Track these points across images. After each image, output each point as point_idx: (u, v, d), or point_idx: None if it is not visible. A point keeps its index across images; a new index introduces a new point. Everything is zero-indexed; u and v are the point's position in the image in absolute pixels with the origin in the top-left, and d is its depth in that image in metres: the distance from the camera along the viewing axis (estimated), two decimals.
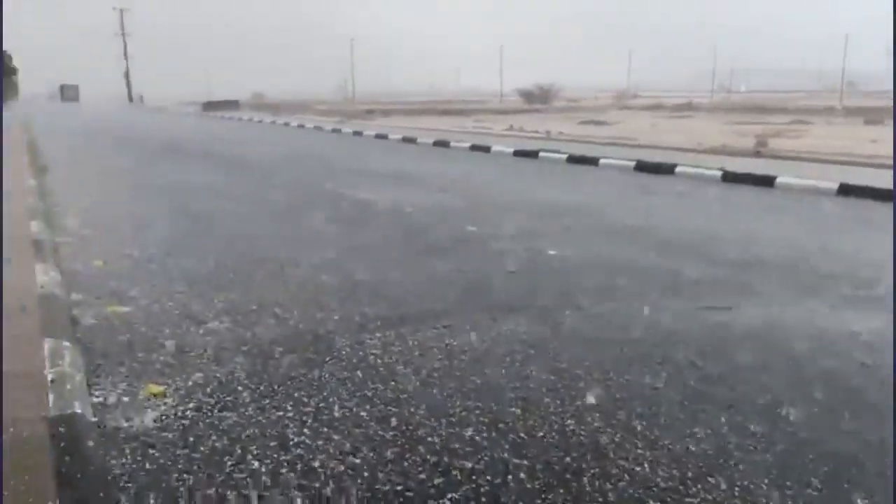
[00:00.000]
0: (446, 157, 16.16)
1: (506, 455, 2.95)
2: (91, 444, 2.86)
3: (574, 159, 14.56)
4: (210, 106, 49.00)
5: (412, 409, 3.36)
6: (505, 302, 5.05)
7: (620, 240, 7.30)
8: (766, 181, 10.97)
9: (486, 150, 16.99)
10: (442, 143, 18.64)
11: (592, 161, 14.13)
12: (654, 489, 2.71)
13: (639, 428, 3.18)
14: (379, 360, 3.96)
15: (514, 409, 3.38)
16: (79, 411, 3.08)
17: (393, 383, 3.65)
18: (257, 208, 9.16)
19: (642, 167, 13.06)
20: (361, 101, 57.57)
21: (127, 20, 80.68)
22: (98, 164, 14.80)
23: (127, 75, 78.89)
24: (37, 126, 27.65)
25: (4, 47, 32.62)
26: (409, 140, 20.15)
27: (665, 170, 12.68)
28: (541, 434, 3.12)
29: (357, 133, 23.40)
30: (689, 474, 2.81)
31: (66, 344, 3.91)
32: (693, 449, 3.01)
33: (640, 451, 2.99)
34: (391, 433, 3.13)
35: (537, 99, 53.28)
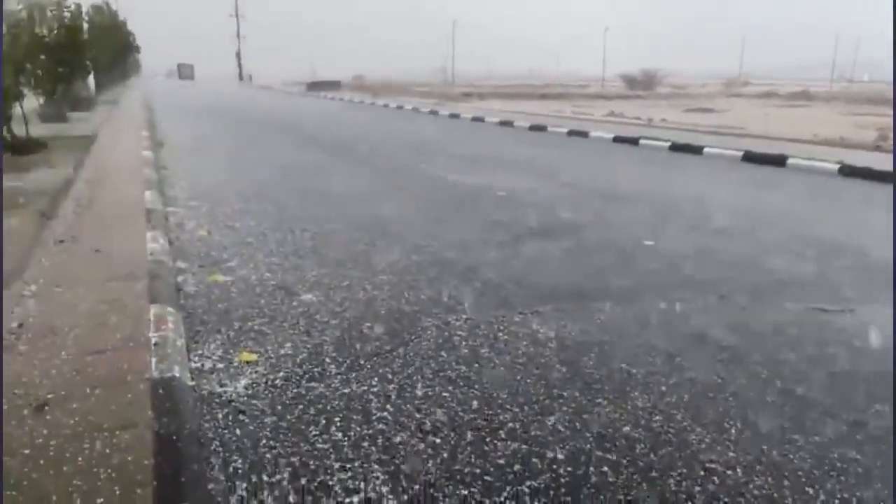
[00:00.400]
0: (543, 142, 15.89)
1: (589, 447, 2.86)
2: (187, 407, 2.99)
3: (677, 147, 13.95)
4: (314, 86, 50.49)
5: (495, 394, 3.31)
6: (597, 291, 4.90)
7: (722, 234, 6.92)
8: (889, 178, 10.08)
9: (584, 135, 16.58)
10: (539, 128, 18.34)
11: (696, 150, 13.49)
12: (746, 497, 2.55)
13: (733, 431, 3.01)
14: (464, 343, 3.94)
15: (601, 400, 3.27)
16: (178, 375, 3.24)
17: (477, 366, 3.62)
18: (355, 187, 9.33)
19: (751, 158, 12.34)
20: (460, 84, 57.63)
21: (241, 1, 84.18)
22: (209, 140, 15.53)
23: (238, 55, 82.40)
24: (155, 102, 29.41)
25: (129, 27, 34.78)
26: (505, 124, 19.97)
27: (775, 161, 11.92)
28: (627, 429, 3.01)
29: (454, 116, 23.42)
30: (786, 483, 2.63)
31: (170, 310, 4.12)
32: (793, 459, 2.81)
33: (731, 454, 2.82)
34: (472, 415, 3.10)
35: (640, 85, 51.49)
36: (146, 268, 4.90)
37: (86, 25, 18.98)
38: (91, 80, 23.94)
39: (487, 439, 2.91)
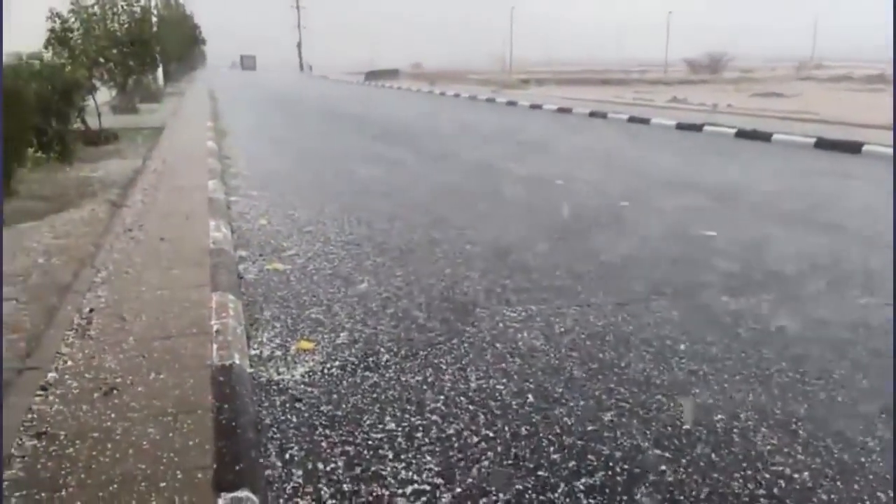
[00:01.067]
0: (603, 130, 15.59)
1: (646, 444, 2.79)
2: (246, 393, 3.06)
3: (743, 134, 13.46)
4: (372, 75, 50.79)
5: (550, 387, 3.27)
6: (654, 283, 4.77)
7: (788, 225, 6.64)
8: None
9: (646, 122, 16.18)
10: (599, 115, 18.00)
11: (764, 136, 12.98)
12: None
13: (801, 434, 2.88)
14: (518, 335, 3.90)
15: (658, 396, 3.19)
16: (237, 362, 3.31)
17: (532, 359, 3.58)
18: (410, 176, 9.36)
19: (822, 144, 11.80)
20: (517, 71, 57.01)
21: None
22: (270, 129, 15.85)
23: (299, 46, 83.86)
24: (219, 93, 30.21)
25: (195, 20, 35.82)
26: (564, 111, 19.67)
27: (849, 148, 11.36)
28: (686, 427, 2.92)
29: (511, 103, 23.21)
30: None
31: (231, 297, 4.22)
32: (865, 462, 2.67)
33: (800, 457, 2.71)
34: (527, 409, 3.07)
35: (705, 69, 49.83)
36: (208, 256, 5.03)
37: (155, 19, 19.61)
38: (160, 72, 24.74)
39: (542, 434, 2.87)
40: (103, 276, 4.53)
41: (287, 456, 2.71)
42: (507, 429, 2.91)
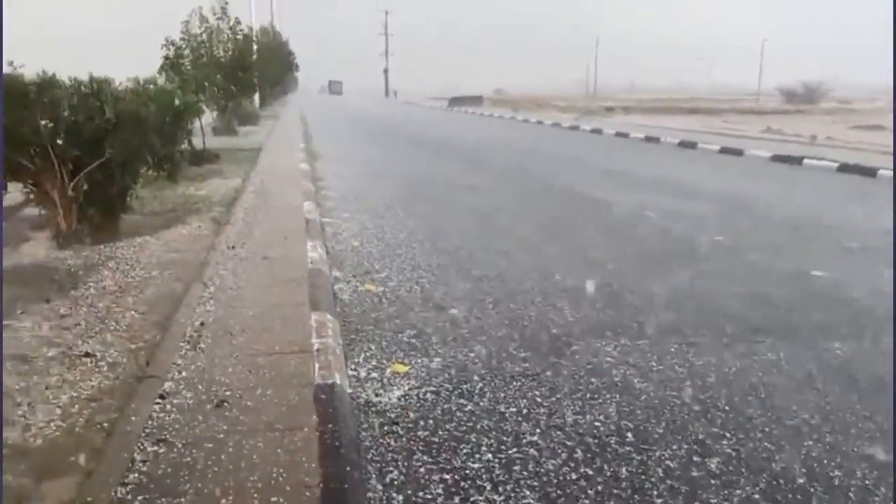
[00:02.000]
0: (693, 160, 15.20)
1: (757, 496, 2.67)
2: (347, 414, 3.13)
3: (846, 168, 12.82)
4: (455, 101, 51.52)
5: (650, 427, 3.19)
6: (757, 323, 4.59)
7: None
8: None
9: (739, 153, 15.66)
10: (688, 144, 17.58)
11: (869, 172, 12.32)
12: None
13: None
14: (614, 370, 3.83)
15: (767, 444, 3.05)
16: (338, 382, 3.40)
17: (629, 397, 3.51)
18: (499, 204, 9.41)
19: None
20: (601, 98, 56.55)
21: (389, 19, 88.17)
22: (358, 153, 16.31)
23: (386, 72, 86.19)
24: (310, 117, 31.38)
25: (290, 46, 37.35)
26: (651, 139, 19.33)
27: None
28: (801, 481, 2.77)
29: (595, 131, 23.02)
30: None
31: (329, 317, 4.35)
32: None
33: None
34: (626, 448, 3.00)
35: (800, 99, 47.86)
36: (307, 275, 5.21)
37: (254, 46, 20.65)
38: (256, 96, 25.97)
39: (644, 476, 2.80)
40: (211, 292, 4.76)
41: (387, 479, 2.75)
42: (607, 468, 2.85)
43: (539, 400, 3.47)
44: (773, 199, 10.01)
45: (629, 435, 3.12)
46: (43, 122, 5.77)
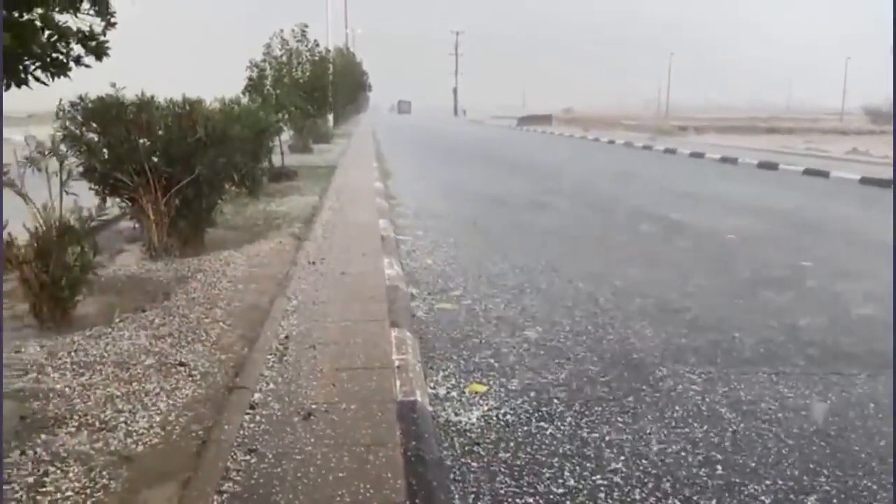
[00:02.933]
0: (774, 182, 14.68)
1: None
2: (429, 432, 3.15)
3: None
4: (525, 120, 51.57)
5: (741, 460, 3.07)
6: (850, 354, 4.37)
7: None
8: None
9: (824, 175, 15.02)
10: (768, 165, 16.99)
11: None
12: None
13: None
14: (699, 398, 3.72)
15: (868, 482, 2.89)
16: (419, 400, 3.43)
17: (717, 427, 3.39)
18: (572, 226, 9.33)
19: None
20: (673, 117, 55.42)
21: (458, 39, 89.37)
22: (430, 171, 16.51)
23: (455, 91, 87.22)
24: (381, 135, 32.02)
25: (364, 67, 38.41)
26: (728, 160, 18.78)
27: None
28: None
29: (669, 151, 22.56)
30: None
31: (408, 334, 4.40)
32: None
33: None
34: (717, 482, 2.90)
35: (887, 118, 45.53)
36: (384, 292, 5.29)
37: (330, 66, 21.27)
38: (331, 115, 26.71)
39: None
40: (294, 305, 4.90)
41: (470, 500, 2.74)
42: (698, 501, 2.76)
43: (622, 426, 3.40)
44: (863, 223, 9.54)
45: (719, 467, 3.01)
46: (141, 141, 6.10)
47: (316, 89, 16.43)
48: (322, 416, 3.20)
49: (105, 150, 6.03)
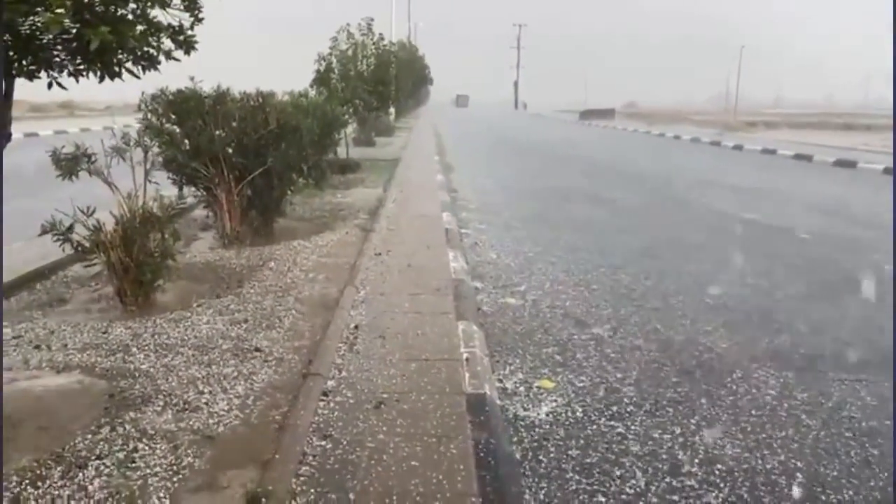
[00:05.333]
0: (852, 180, 14.04)
1: None
2: (499, 426, 3.16)
3: None
4: (586, 114, 50.74)
5: (822, 469, 2.96)
6: None
7: None
8: None
9: None
10: (846, 163, 16.25)
11: None
12: None
13: None
14: (777, 403, 3.60)
15: None
16: (488, 393, 3.44)
17: (797, 433, 3.28)
18: (639, 223, 9.15)
19: None
20: (743, 112, 53.58)
21: (520, 32, 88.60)
22: (491, 164, 16.45)
23: (516, 84, 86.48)
24: (442, 129, 32.09)
25: (426, 60, 38.51)
26: (802, 157, 18.06)
27: None
28: None
29: (737, 147, 21.85)
30: None
31: (475, 328, 4.41)
32: None
33: None
34: (798, 489, 2.81)
35: None
36: (450, 285, 5.32)
37: (393, 60, 21.43)
38: (392, 108, 26.93)
39: None
40: (362, 296, 4.98)
41: (542, 496, 2.74)
42: None
43: (695, 429, 3.33)
44: None
45: (799, 476, 2.92)
46: (217, 132, 6.30)
47: (380, 83, 16.56)
48: (393, 406, 3.24)
49: (186, 141, 6.24)
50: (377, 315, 4.59)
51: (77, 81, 3.15)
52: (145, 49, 3.21)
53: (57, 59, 3.03)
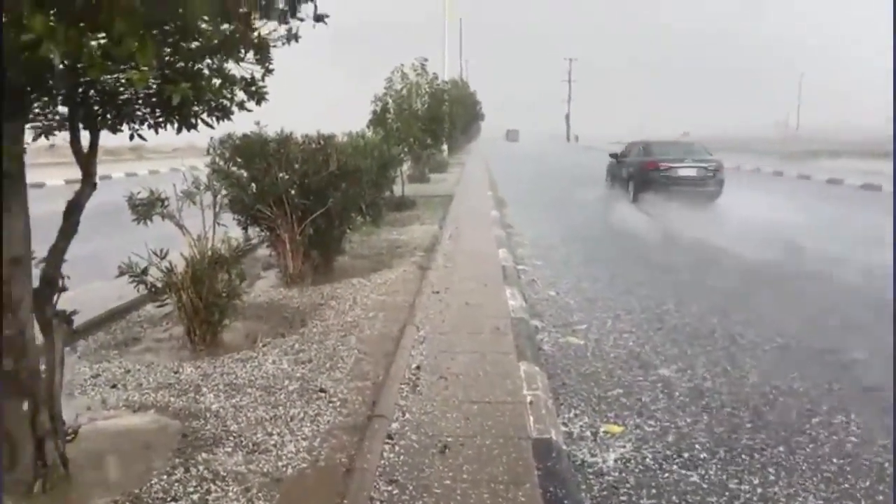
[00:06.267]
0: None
1: None
2: (566, 472, 3.09)
3: None
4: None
5: None
6: None
7: None
8: None
9: None
10: None
11: None
12: None
13: None
14: (860, 451, 3.42)
15: None
16: (554, 438, 3.37)
17: (882, 483, 3.10)
18: (695, 260, 8.95)
19: None
20: (805, 139, 52.09)
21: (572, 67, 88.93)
22: (543, 200, 16.38)
23: (567, 118, 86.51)
24: (493, 164, 32.25)
25: (477, 97, 39.03)
26: (870, 187, 17.40)
27: None
28: None
29: (803, 177, 21.23)
30: None
31: (537, 369, 4.35)
32: None
33: None
34: None
35: None
36: (509, 323, 5.28)
37: (445, 97, 21.75)
38: (445, 145, 27.26)
39: None
40: (422, 335, 4.99)
41: None
42: None
43: (773, 479, 3.19)
44: None
45: None
46: (280, 175, 6.49)
47: (433, 121, 16.82)
48: (458, 450, 3.21)
49: (253, 185, 6.44)
50: (437, 355, 4.58)
51: (157, 133, 3.30)
52: (220, 101, 3.34)
53: (139, 113, 3.19)
